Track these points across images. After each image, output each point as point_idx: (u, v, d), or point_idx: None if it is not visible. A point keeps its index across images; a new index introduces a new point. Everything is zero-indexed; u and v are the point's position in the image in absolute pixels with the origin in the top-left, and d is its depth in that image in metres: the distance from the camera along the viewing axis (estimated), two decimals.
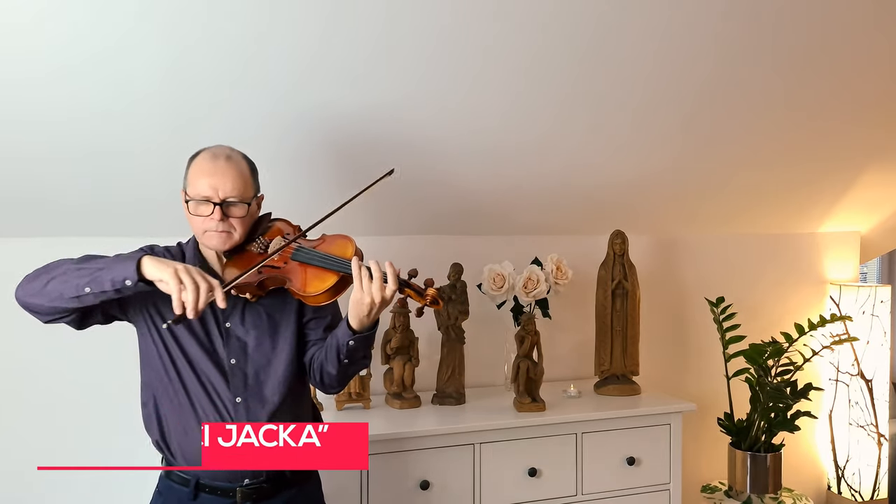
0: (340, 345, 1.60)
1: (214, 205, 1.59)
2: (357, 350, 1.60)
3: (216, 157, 1.63)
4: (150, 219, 2.33)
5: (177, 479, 1.63)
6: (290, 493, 1.68)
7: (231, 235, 1.63)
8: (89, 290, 1.46)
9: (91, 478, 2.39)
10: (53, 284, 1.49)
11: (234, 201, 1.61)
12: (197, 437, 1.59)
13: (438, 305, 1.59)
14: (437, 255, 2.63)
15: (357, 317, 1.56)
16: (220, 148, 1.67)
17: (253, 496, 1.62)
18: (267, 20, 1.95)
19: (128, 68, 1.95)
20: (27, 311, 1.56)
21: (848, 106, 2.75)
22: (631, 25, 2.24)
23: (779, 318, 3.25)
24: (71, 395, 2.38)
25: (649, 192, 2.85)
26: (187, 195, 1.62)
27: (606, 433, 2.46)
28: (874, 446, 3.25)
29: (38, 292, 1.52)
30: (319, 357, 1.68)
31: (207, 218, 1.60)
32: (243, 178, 1.64)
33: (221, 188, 1.60)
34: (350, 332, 1.58)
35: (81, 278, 1.47)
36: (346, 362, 1.62)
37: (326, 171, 2.35)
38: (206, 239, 1.64)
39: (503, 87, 2.30)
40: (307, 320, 1.73)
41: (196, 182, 1.61)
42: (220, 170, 1.61)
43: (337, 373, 1.65)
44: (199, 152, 1.67)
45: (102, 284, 1.46)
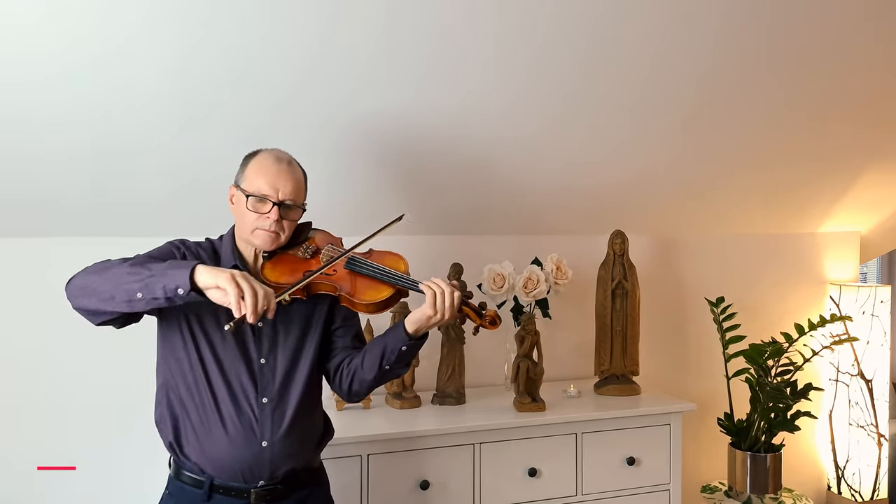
0: (389, 350, 1.65)
1: (273, 204, 1.63)
2: (405, 355, 1.67)
3: (280, 159, 1.68)
4: (150, 219, 2.33)
5: (189, 480, 1.63)
6: (302, 494, 1.69)
7: (279, 237, 1.66)
8: (141, 295, 1.46)
9: (94, 478, 2.39)
10: (106, 287, 1.49)
11: (290, 204, 1.66)
12: (219, 436, 1.59)
13: (496, 326, 1.68)
14: (438, 255, 2.63)
15: (416, 324, 1.64)
16: (281, 152, 1.71)
17: (267, 497, 1.63)
18: (267, 22, 1.95)
19: (129, 71, 1.95)
20: (79, 312, 1.55)
21: (848, 106, 2.75)
22: (630, 25, 2.24)
23: (779, 318, 3.26)
24: (75, 394, 2.37)
25: (649, 192, 2.85)
26: (245, 190, 1.65)
27: (606, 433, 2.46)
28: (874, 446, 3.25)
29: (89, 293, 1.51)
30: (354, 364, 1.71)
31: (263, 216, 1.63)
32: (300, 185, 1.70)
33: (282, 190, 1.64)
34: (405, 338, 1.64)
35: (133, 283, 1.46)
36: (387, 368, 1.67)
37: (325, 172, 2.35)
38: (254, 237, 1.66)
39: (503, 88, 2.30)
40: (335, 328, 1.76)
41: (257, 180, 1.64)
42: (283, 172, 1.66)
43: (373, 378, 1.70)
44: (260, 151, 1.70)
45: (154, 292, 1.45)
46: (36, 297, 2.33)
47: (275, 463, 1.62)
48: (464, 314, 1.67)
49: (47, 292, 2.32)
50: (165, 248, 1.68)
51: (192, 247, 1.71)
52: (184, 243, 1.71)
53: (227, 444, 1.59)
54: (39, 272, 2.33)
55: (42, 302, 2.32)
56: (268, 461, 1.62)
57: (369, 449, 2.19)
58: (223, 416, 1.61)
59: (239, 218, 1.68)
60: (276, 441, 1.62)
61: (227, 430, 1.60)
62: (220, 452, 1.60)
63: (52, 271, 2.32)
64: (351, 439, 2.16)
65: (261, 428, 1.62)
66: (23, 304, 2.33)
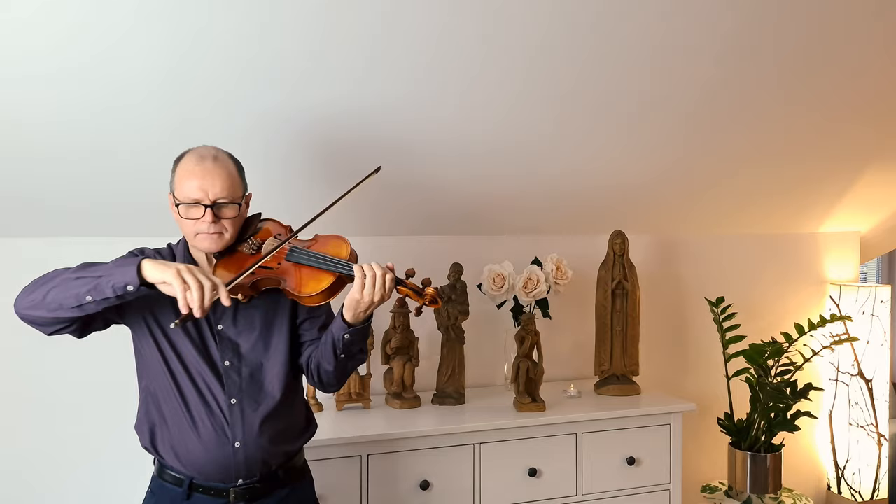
0: (336, 339, 1.60)
1: (205, 207, 1.58)
2: (353, 343, 1.61)
3: (203, 158, 1.60)
4: (150, 219, 2.33)
5: (170, 479, 1.63)
6: (283, 493, 1.68)
7: (223, 236, 1.62)
8: (90, 297, 1.44)
9: (84, 477, 2.39)
10: (53, 294, 1.47)
11: (224, 202, 1.59)
12: (191, 437, 1.59)
13: (437, 305, 1.60)
14: (437, 255, 2.63)
15: (352, 312, 1.57)
16: (205, 149, 1.64)
17: (246, 496, 1.62)
18: (266, 21, 1.95)
19: (127, 68, 1.95)
20: (29, 324, 1.53)
21: (848, 106, 2.75)
22: (630, 24, 2.24)
23: (779, 318, 3.26)
24: (68, 396, 2.37)
25: (649, 192, 2.85)
26: (176, 198, 1.61)
27: (606, 433, 2.46)
28: (874, 446, 3.25)
29: (37, 304, 1.49)
30: (316, 355, 1.68)
31: (199, 221, 1.59)
32: (232, 179, 1.62)
33: (211, 190, 1.57)
34: (345, 326, 1.58)
35: (81, 287, 1.45)
36: (343, 357, 1.62)
37: (324, 171, 2.35)
38: (197, 241, 1.62)
39: (503, 87, 2.29)
40: (301, 321, 1.72)
41: (184, 185, 1.59)
42: (208, 171, 1.58)
43: (334, 369, 1.65)
44: (184, 154, 1.64)
45: (104, 291, 1.43)
46: None
47: (250, 462, 1.61)
48: (402, 296, 1.60)
49: None
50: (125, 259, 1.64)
51: (151, 254, 1.68)
52: (142, 252, 1.68)
53: (200, 446, 1.58)
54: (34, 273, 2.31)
55: None
56: (242, 461, 1.60)
57: (369, 449, 2.19)
58: (194, 419, 1.59)
59: (180, 226, 1.64)
60: (248, 441, 1.60)
61: (198, 432, 1.59)
62: (195, 454, 1.59)
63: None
64: (351, 439, 2.16)
65: (231, 429, 1.60)
66: None
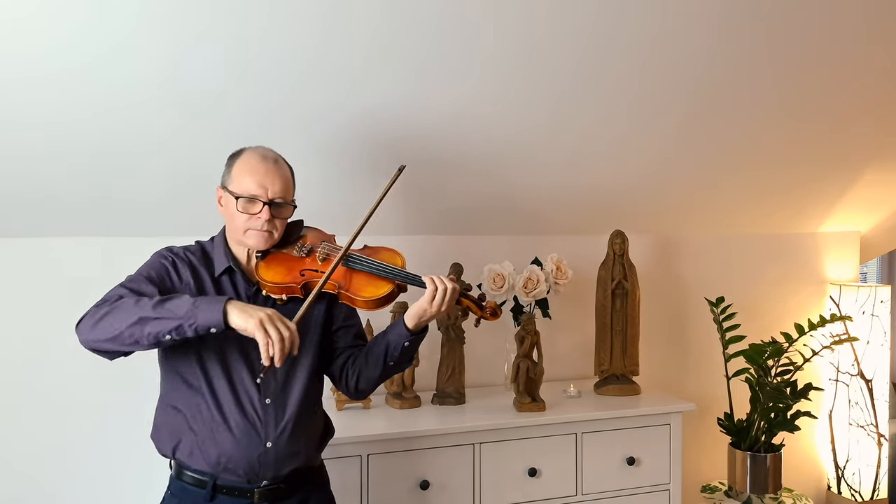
0: (392, 346, 1.67)
1: (263, 203, 1.62)
2: (408, 351, 1.68)
3: (266, 158, 1.67)
4: (150, 219, 2.33)
5: (191, 480, 1.63)
6: (304, 492, 1.70)
7: (272, 235, 1.66)
8: (170, 337, 1.47)
9: (96, 477, 2.39)
10: (130, 331, 1.47)
11: (281, 202, 1.65)
12: (224, 439, 1.59)
13: (497, 317, 1.71)
14: (437, 255, 2.63)
15: (415, 319, 1.65)
16: (266, 150, 1.70)
17: (270, 497, 1.64)
18: (266, 20, 1.95)
19: (128, 69, 1.95)
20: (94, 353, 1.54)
21: (848, 106, 2.75)
22: (630, 23, 2.24)
23: (779, 318, 3.26)
24: (75, 394, 2.37)
25: (649, 192, 2.85)
26: (232, 192, 1.64)
27: (606, 433, 2.46)
28: (874, 446, 3.25)
29: (111, 338, 1.48)
30: (358, 363, 1.73)
31: (254, 216, 1.63)
32: (288, 182, 1.69)
33: (271, 188, 1.64)
34: (407, 333, 1.65)
35: (163, 326, 1.46)
36: (392, 364, 1.69)
37: (326, 171, 2.35)
38: (247, 237, 1.65)
39: (502, 88, 2.29)
40: (336, 328, 1.77)
41: (244, 180, 1.64)
42: (270, 170, 1.65)
43: (378, 375, 1.72)
44: (244, 150, 1.69)
45: (185, 332, 1.46)
46: (35, 297, 2.32)
47: (279, 463, 1.62)
48: (464, 307, 1.69)
49: (47, 292, 2.33)
50: (156, 261, 1.67)
51: (182, 253, 1.69)
52: (172, 251, 1.69)
53: (234, 445, 1.59)
54: (38, 272, 2.33)
55: (42, 302, 2.32)
56: (272, 461, 1.62)
57: (369, 449, 2.19)
58: (227, 419, 1.60)
59: (229, 220, 1.67)
60: (280, 441, 1.62)
61: (232, 432, 1.60)
62: (227, 455, 1.59)
63: (51, 271, 2.33)
64: (351, 439, 2.16)
65: (265, 429, 1.62)
66: (22, 304, 2.33)
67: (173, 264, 1.66)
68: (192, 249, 1.72)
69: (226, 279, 1.68)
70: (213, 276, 1.68)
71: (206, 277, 1.67)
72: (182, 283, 1.65)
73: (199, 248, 1.73)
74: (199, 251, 1.72)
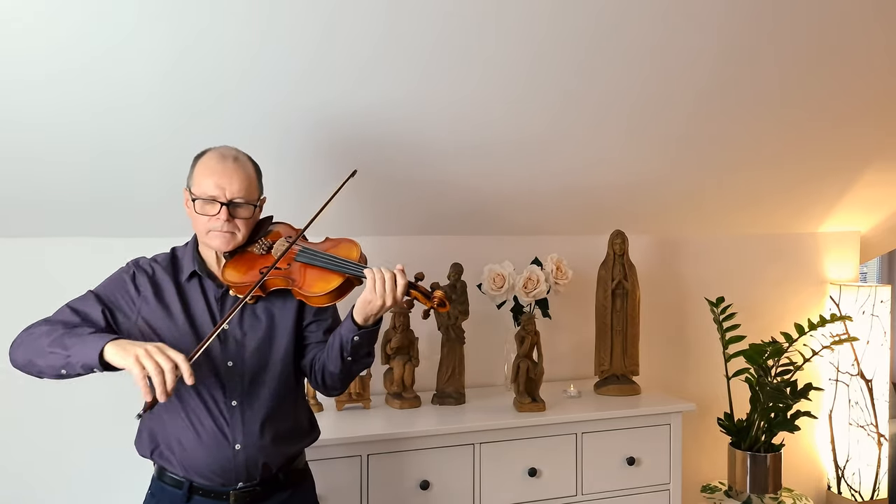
0: (344, 342, 1.60)
1: (221, 204, 1.60)
2: (361, 346, 1.61)
3: (224, 157, 1.64)
4: (150, 219, 2.33)
5: (170, 481, 1.63)
6: (283, 496, 1.67)
7: (234, 236, 1.63)
8: (65, 372, 1.47)
9: (85, 479, 2.39)
10: (36, 362, 1.50)
11: (240, 202, 1.62)
12: (192, 442, 1.59)
13: (445, 308, 1.61)
14: (437, 255, 2.63)
15: (363, 314, 1.57)
16: (227, 149, 1.67)
17: (247, 499, 1.62)
18: (267, 20, 1.95)
19: (129, 70, 1.95)
20: None
21: (848, 106, 2.75)
22: (631, 25, 2.24)
23: (779, 318, 3.26)
24: (67, 396, 2.37)
25: (649, 192, 2.85)
26: (193, 194, 1.63)
27: (606, 433, 2.46)
28: (874, 446, 3.25)
29: (23, 366, 1.53)
30: (321, 358, 1.67)
31: (213, 218, 1.61)
32: (250, 180, 1.65)
33: (229, 188, 1.60)
34: (355, 328, 1.58)
35: (56, 361, 1.47)
36: (350, 360, 1.62)
37: (327, 171, 2.34)
38: (209, 239, 1.64)
39: (503, 88, 2.29)
40: (307, 323, 1.73)
41: (203, 181, 1.61)
42: (228, 170, 1.62)
43: (339, 372, 1.64)
44: (206, 151, 1.67)
45: (75, 368, 1.45)
46: (33, 298, 2.31)
47: (250, 465, 1.60)
48: (412, 297, 1.60)
49: (44, 293, 2.32)
50: (117, 275, 1.67)
51: (147, 265, 1.68)
52: (137, 264, 1.68)
53: (201, 449, 1.58)
54: (37, 272, 2.33)
55: (39, 302, 2.30)
56: (242, 464, 1.60)
57: (369, 449, 2.19)
58: (194, 423, 1.59)
59: (193, 222, 1.65)
60: (249, 443, 1.60)
61: (199, 435, 1.59)
62: (195, 458, 1.58)
63: (50, 271, 2.33)
64: (351, 439, 2.16)
65: (232, 431, 1.60)
66: (20, 305, 2.33)
67: (132, 277, 1.66)
68: (160, 258, 1.70)
69: (194, 283, 1.67)
70: (178, 283, 1.66)
71: (168, 285, 1.65)
72: (140, 296, 1.63)
73: (169, 255, 1.72)
74: (167, 259, 1.70)
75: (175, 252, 1.73)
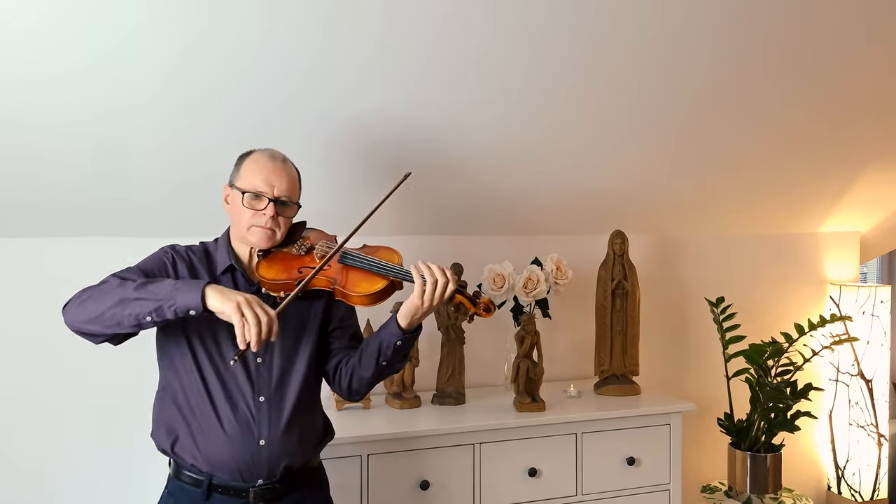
0: (385, 345, 1.64)
1: (269, 200, 1.64)
2: (401, 350, 1.65)
3: (275, 157, 1.70)
4: (149, 219, 2.33)
5: (188, 479, 1.63)
6: (300, 493, 1.69)
7: (275, 234, 1.67)
8: (150, 318, 1.47)
9: (96, 477, 2.39)
10: (112, 312, 1.48)
11: (286, 201, 1.67)
12: (217, 437, 1.59)
13: (490, 313, 1.66)
14: (437, 255, 2.63)
15: (409, 317, 1.62)
16: (276, 151, 1.73)
17: (266, 496, 1.63)
18: (267, 20, 1.95)
19: (130, 70, 1.95)
20: (79, 335, 1.55)
21: (847, 106, 2.75)
22: (630, 24, 2.24)
23: (779, 318, 3.26)
24: (75, 393, 2.38)
25: (649, 192, 2.85)
26: (240, 188, 1.66)
27: (606, 433, 2.46)
28: (874, 446, 3.25)
29: (93, 319, 1.50)
30: (352, 362, 1.72)
31: (259, 213, 1.64)
32: (295, 182, 1.71)
33: (278, 186, 1.65)
34: (399, 332, 1.63)
35: (143, 307, 1.46)
36: (384, 364, 1.67)
37: (328, 172, 2.35)
38: (250, 234, 1.66)
39: (503, 88, 2.30)
40: (332, 328, 1.76)
41: (252, 177, 1.66)
42: (278, 169, 1.67)
43: (371, 376, 1.69)
44: (253, 151, 1.72)
45: (165, 314, 1.46)
46: (35, 298, 2.32)
47: (272, 462, 1.62)
48: (457, 302, 1.64)
49: (46, 292, 2.33)
50: (157, 256, 1.68)
51: (184, 252, 1.70)
52: (174, 249, 1.70)
53: (226, 443, 1.59)
54: (38, 272, 2.33)
55: (41, 302, 2.31)
56: (265, 460, 1.62)
57: (369, 449, 2.19)
58: (220, 417, 1.60)
59: (235, 217, 1.69)
60: (273, 440, 1.62)
61: (224, 429, 1.60)
62: (219, 452, 1.60)
63: (51, 271, 2.33)
64: (351, 439, 2.16)
65: (258, 427, 1.62)
66: (22, 305, 2.33)
67: (172, 261, 1.68)
68: (195, 249, 1.73)
69: (227, 278, 1.69)
70: (213, 275, 1.69)
71: (204, 276, 1.68)
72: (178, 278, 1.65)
73: (201, 248, 1.74)
74: (201, 251, 1.73)
75: (207, 246, 1.75)
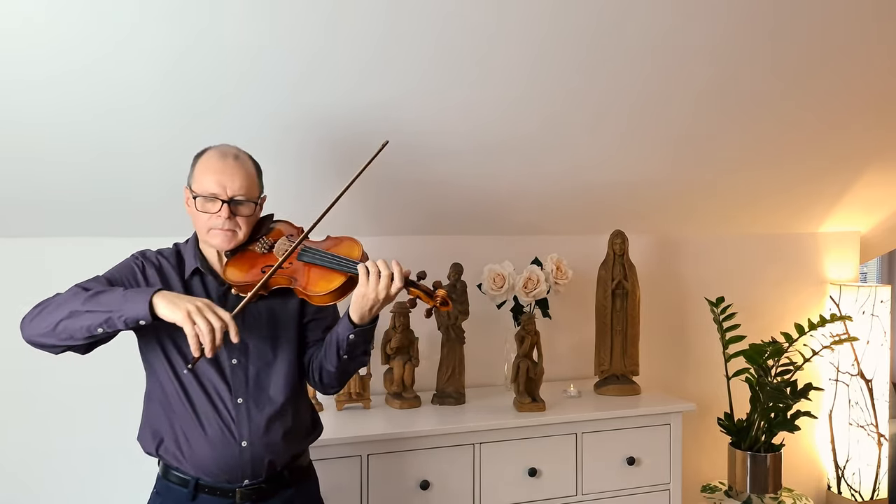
0: (340, 340, 1.60)
1: (222, 202, 1.60)
2: (357, 345, 1.61)
3: (225, 155, 1.64)
4: (150, 219, 2.33)
5: (175, 479, 1.63)
6: (288, 493, 1.68)
7: (235, 234, 1.64)
8: (101, 330, 1.46)
9: (86, 476, 2.39)
10: (63, 325, 1.48)
11: (241, 200, 1.62)
12: (199, 440, 1.59)
13: (448, 307, 1.61)
14: (437, 255, 2.63)
15: (359, 312, 1.57)
16: (227, 147, 1.68)
17: (252, 496, 1.63)
18: (267, 21, 1.95)
19: (130, 70, 1.95)
20: (36, 348, 1.55)
21: (847, 106, 2.75)
22: (630, 25, 2.24)
23: (779, 318, 3.26)
24: (73, 398, 2.37)
25: (649, 192, 2.85)
26: (193, 191, 1.63)
27: (606, 433, 2.46)
28: (874, 446, 3.25)
29: (47, 333, 1.51)
30: (318, 356, 1.68)
31: (214, 215, 1.61)
32: (250, 178, 1.65)
33: (230, 186, 1.61)
34: (350, 326, 1.58)
35: (93, 320, 1.46)
36: (346, 358, 1.62)
37: (328, 170, 2.35)
38: (210, 237, 1.64)
39: (503, 88, 2.30)
40: (307, 321, 1.73)
41: (204, 179, 1.62)
42: (228, 168, 1.62)
43: (336, 370, 1.65)
44: (207, 150, 1.67)
45: (116, 325, 1.46)
46: (35, 298, 2.30)
47: (256, 462, 1.61)
48: (413, 297, 1.60)
49: (46, 292, 2.32)
50: (125, 263, 1.67)
51: (153, 257, 1.68)
52: (143, 255, 1.69)
53: (208, 446, 1.59)
54: (37, 272, 2.33)
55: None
56: (249, 461, 1.60)
57: (369, 449, 2.19)
58: (201, 420, 1.60)
59: (194, 220, 1.66)
60: (255, 441, 1.61)
61: (206, 432, 1.59)
62: (202, 455, 1.59)
63: (51, 271, 2.33)
64: (351, 439, 2.16)
65: (238, 428, 1.60)
66: (20, 305, 2.32)
67: (142, 268, 1.66)
68: (166, 253, 1.71)
69: (196, 280, 1.67)
70: (183, 278, 1.67)
71: (175, 280, 1.66)
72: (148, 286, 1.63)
73: (174, 249, 1.72)
74: (173, 254, 1.71)
75: (178, 247, 1.73)
